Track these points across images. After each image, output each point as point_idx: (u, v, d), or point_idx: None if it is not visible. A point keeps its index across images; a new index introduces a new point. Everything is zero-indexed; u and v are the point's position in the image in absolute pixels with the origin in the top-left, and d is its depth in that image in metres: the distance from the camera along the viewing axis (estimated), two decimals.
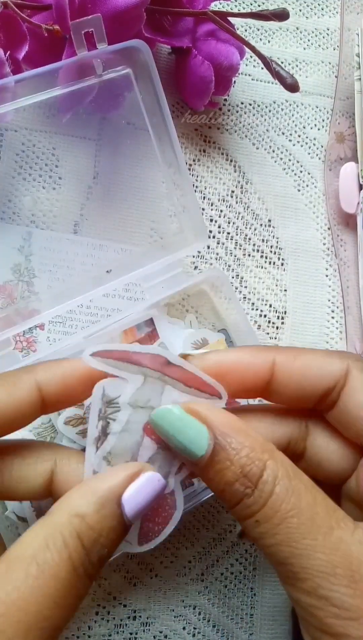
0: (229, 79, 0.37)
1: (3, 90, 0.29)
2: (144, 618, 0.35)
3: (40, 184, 0.36)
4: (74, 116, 0.34)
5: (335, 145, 0.42)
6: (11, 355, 0.33)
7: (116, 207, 0.37)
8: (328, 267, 0.41)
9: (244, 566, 0.37)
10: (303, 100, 0.42)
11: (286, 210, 0.41)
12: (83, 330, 0.34)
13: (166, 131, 0.32)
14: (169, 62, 0.39)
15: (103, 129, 0.37)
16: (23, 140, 0.36)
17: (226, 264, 0.40)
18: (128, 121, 0.37)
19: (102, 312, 0.36)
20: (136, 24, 0.33)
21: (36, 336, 0.35)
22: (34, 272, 0.35)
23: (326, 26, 0.44)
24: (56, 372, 0.25)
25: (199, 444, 0.22)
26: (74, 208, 0.36)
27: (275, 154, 0.41)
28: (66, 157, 0.36)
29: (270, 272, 0.40)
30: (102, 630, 0.34)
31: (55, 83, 0.30)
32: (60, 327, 0.35)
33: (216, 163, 0.40)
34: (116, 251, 0.37)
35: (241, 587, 0.36)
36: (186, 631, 0.35)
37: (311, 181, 0.42)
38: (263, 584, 0.37)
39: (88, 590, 0.22)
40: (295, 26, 0.43)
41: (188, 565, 0.36)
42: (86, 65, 0.30)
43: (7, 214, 0.35)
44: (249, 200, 0.41)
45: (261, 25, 0.42)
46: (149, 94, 0.32)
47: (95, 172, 0.37)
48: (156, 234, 0.38)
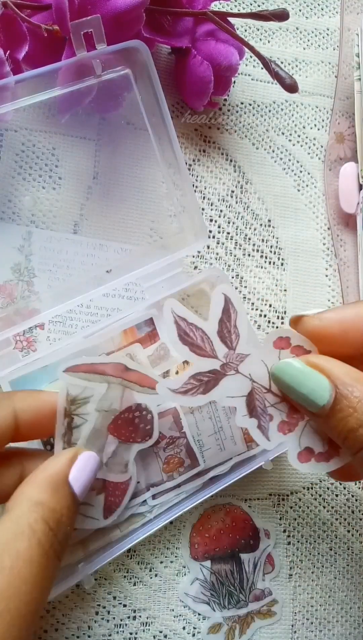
0: (228, 79, 0.37)
1: (3, 90, 0.29)
2: (144, 618, 0.35)
3: (40, 184, 0.36)
4: (74, 116, 0.34)
5: (335, 145, 0.42)
6: (11, 355, 0.33)
7: (116, 207, 0.37)
8: (328, 267, 0.41)
9: None
10: (303, 100, 0.42)
11: (286, 210, 0.41)
12: (83, 330, 0.35)
13: (165, 131, 0.32)
14: (169, 62, 0.39)
15: (103, 129, 0.37)
16: (23, 140, 0.36)
17: (226, 264, 0.40)
18: (128, 121, 0.37)
19: (102, 312, 0.36)
20: (135, 25, 0.33)
21: (36, 336, 0.35)
22: (34, 271, 0.35)
23: (326, 26, 0.44)
24: (32, 403, 0.27)
25: (321, 394, 0.23)
26: (74, 208, 0.37)
27: (275, 154, 0.41)
28: (66, 157, 0.37)
29: (270, 272, 0.40)
30: (102, 630, 0.34)
31: (54, 83, 0.30)
32: (60, 326, 0.36)
33: (216, 163, 0.40)
34: (116, 251, 0.37)
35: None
36: (186, 631, 0.35)
37: (311, 181, 0.42)
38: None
39: (58, 570, 0.24)
40: (295, 26, 0.43)
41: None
42: (85, 66, 0.30)
43: (7, 214, 0.36)
44: (249, 200, 0.41)
45: (260, 26, 0.42)
46: (149, 94, 0.32)
47: (95, 172, 0.37)
48: (156, 234, 0.38)
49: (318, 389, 0.23)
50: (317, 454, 0.25)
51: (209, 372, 0.25)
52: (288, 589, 0.37)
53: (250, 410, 0.25)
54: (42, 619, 0.33)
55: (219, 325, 0.25)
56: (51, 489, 0.24)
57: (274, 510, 0.37)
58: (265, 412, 0.25)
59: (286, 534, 0.37)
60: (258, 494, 0.37)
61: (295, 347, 0.25)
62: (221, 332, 0.25)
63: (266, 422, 0.25)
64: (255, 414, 0.25)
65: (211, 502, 0.36)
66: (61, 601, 0.34)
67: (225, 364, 0.25)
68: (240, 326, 0.25)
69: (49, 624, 0.33)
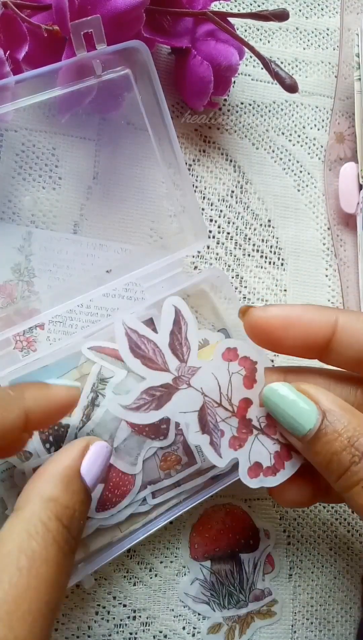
0: (228, 79, 0.37)
1: (3, 90, 0.29)
2: (144, 618, 0.35)
3: (40, 184, 0.36)
4: (74, 116, 0.34)
5: (334, 145, 0.42)
6: (11, 355, 0.33)
7: (116, 207, 0.37)
8: (328, 267, 0.41)
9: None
10: (303, 100, 0.42)
11: (286, 210, 0.41)
12: (83, 330, 0.35)
13: (165, 131, 0.32)
14: (169, 62, 0.39)
15: (103, 129, 0.37)
16: (23, 140, 0.36)
17: (226, 264, 0.40)
18: (128, 121, 0.37)
19: (102, 312, 0.36)
20: (135, 25, 0.33)
21: (36, 336, 0.35)
22: (34, 272, 0.35)
23: (326, 26, 0.44)
24: (43, 402, 0.26)
25: (308, 418, 0.23)
26: (74, 208, 0.37)
27: (275, 154, 0.41)
28: (66, 157, 0.37)
29: (270, 272, 0.40)
30: (102, 630, 0.34)
31: (54, 83, 0.30)
32: (60, 326, 0.36)
33: (216, 163, 0.40)
34: (116, 251, 0.37)
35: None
36: (186, 631, 0.35)
37: (311, 181, 0.42)
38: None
39: (73, 566, 0.24)
40: (295, 26, 0.43)
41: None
42: (85, 66, 0.30)
43: (7, 214, 0.36)
44: (249, 200, 0.41)
45: (260, 26, 0.42)
46: (149, 94, 0.32)
47: (95, 172, 0.37)
48: (156, 234, 0.38)
49: (306, 413, 0.24)
50: (265, 468, 0.25)
51: (161, 386, 0.24)
52: (288, 589, 0.37)
53: (203, 426, 0.25)
54: None
55: (171, 338, 0.24)
56: (62, 484, 0.23)
57: (274, 510, 0.37)
58: (216, 428, 0.25)
59: (286, 534, 0.37)
60: (258, 494, 0.37)
61: (242, 359, 0.25)
62: (173, 344, 0.24)
63: (218, 438, 0.25)
64: (207, 429, 0.25)
65: (211, 502, 0.36)
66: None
67: (177, 377, 0.24)
68: (191, 338, 0.25)
69: None
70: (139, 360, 0.24)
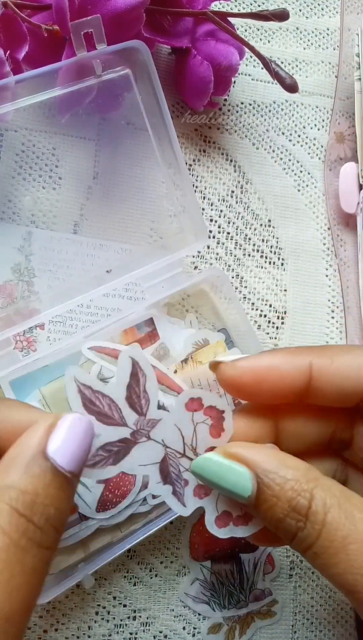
0: (228, 79, 0.37)
1: (3, 90, 0.29)
2: (144, 618, 0.35)
3: (40, 184, 0.36)
4: (74, 116, 0.34)
5: (335, 145, 0.42)
6: (11, 355, 0.33)
7: (116, 207, 0.37)
8: (328, 267, 0.41)
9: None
10: (303, 100, 0.42)
11: (286, 210, 0.41)
12: (83, 330, 0.35)
13: (165, 131, 0.32)
14: (169, 62, 0.39)
15: (103, 129, 0.37)
16: (23, 140, 0.36)
17: (226, 264, 0.40)
18: (128, 121, 0.37)
19: (102, 312, 0.36)
20: (135, 25, 0.33)
21: (36, 336, 0.35)
22: (34, 272, 0.35)
23: (326, 26, 0.44)
24: (9, 427, 0.23)
25: (243, 486, 0.22)
26: (74, 208, 0.37)
27: (275, 154, 0.41)
28: (66, 157, 0.37)
29: (270, 272, 0.40)
30: (102, 630, 0.34)
31: (55, 83, 0.30)
32: (60, 326, 0.36)
33: (216, 163, 0.40)
34: (116, 251, 0.37)
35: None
36: (186, 631, 0.35)
37: (311, 181, 0.42)
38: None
39: (50, 558, 0.20)
40: (295, 26, 0.43)
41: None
42: (85, 66, 0.30)
43: (7, 214, 0.36)
44: (249, 200, 0.41)
45: (261, 26, 0.42)
46: (149, 94, 0.32)
47: (95, 172, 0.37)
48: (156, 234, 0.38)
49: (240, 480, 0.22)
50: (235, 517, 0.24)
51: (119, 442, 0.23)
52: (288, 589, 0.37)
53: (164, 477, 0.24)
54: (42, 619, 0.33)
55: (128, 391, 0.23)
56: (19, 468, 0.20)
57: None
58: (179, 477, 0.24)
59: None
60: None
61: (208, 408, 0.24)
62: (130, 397, 0.23)
63: (181, 488, 0.24)
64: (170, 480, 0.24)
65: None
66: (60, 601, 0.34)
67: (136, 431, 0.23)
68: (150, 390, 0.24)
69: (49, 624, 0.33)
70: (93, 417, 0.23)
